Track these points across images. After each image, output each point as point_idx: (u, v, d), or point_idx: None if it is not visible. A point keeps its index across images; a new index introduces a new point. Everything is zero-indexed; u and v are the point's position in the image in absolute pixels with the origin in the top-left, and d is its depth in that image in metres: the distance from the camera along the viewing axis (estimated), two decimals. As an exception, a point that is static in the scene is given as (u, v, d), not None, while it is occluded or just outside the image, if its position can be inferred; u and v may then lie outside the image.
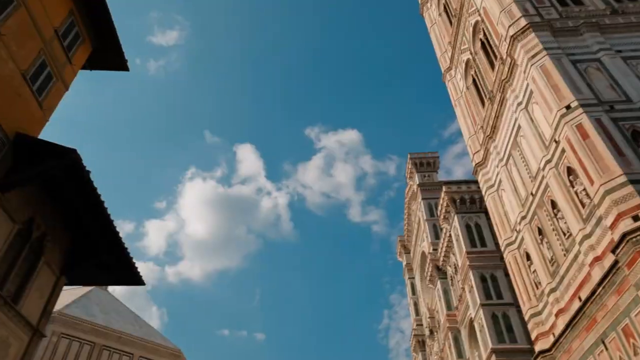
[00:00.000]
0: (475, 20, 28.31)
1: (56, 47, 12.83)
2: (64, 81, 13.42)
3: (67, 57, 13.38)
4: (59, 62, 13.01)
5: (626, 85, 18.45)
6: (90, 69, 15.56)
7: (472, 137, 29.25)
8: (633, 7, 22.76)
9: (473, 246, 33.33)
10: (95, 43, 14.80)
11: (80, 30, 13.92)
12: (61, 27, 12.98)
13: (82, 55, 14.37)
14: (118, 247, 13.40)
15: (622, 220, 14.37)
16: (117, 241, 13.19)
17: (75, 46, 13.79)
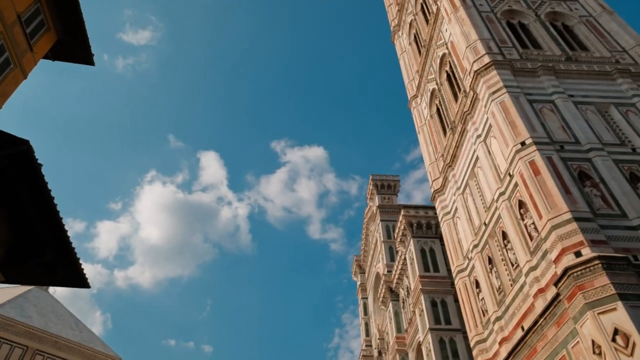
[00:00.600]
0: (443, 52, 29.48)
1: (17, 32, 12.33)
2: (23, 69, 12.87)
3: (29, 44, 12.87)
4: (19, 49, 12.49)
5: (576, 128, 19.64)
6: (53, 59, 15.02)
7: (432, 164, 30.12)
8: (585, 56, 24.43)
9: (426, 270, 34.01)
10: (61, 33, 14.33)
11: (45, 19, 13.46)
12: (25, 13, 12.50)
13: (46, 44, 13.87)
14: (65, 247, 12.77)
15: (565, 255, 15.11)
16: (64, 240, 12.58)
17: (38, 34, 13.30)
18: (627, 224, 15.91)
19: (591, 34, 25.86)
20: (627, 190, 17.02)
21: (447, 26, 28.19)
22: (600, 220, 15.90)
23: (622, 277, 13.57)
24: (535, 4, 28.38)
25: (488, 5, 27.94)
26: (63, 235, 12.42)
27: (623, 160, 18.40)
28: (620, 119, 20.47)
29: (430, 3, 32.15)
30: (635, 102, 21.13)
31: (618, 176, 17.54)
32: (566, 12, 27.53)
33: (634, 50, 24.27)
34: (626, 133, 19.87)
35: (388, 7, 44.74)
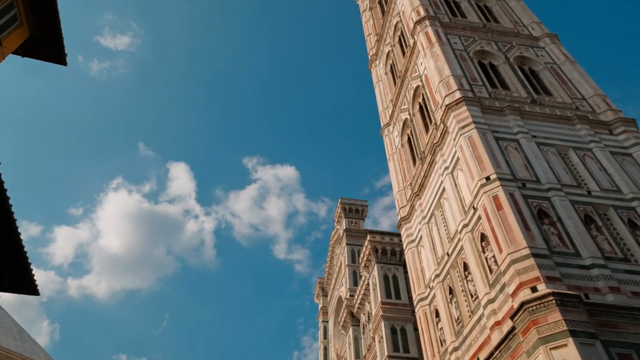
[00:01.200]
0: (417, 84, 30.41)
1: (-14, 25, 11.93)
2: (-10, 62, 12.42)
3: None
4: (-13, 42, 12.07)
5: (537, 168, 20.51)
6: (22, 56, 14.57)
7: (400, 192, 30.64)
8: (548, 100, 25.75)
9: (388, 297, 34.15)
10: (34, 30, 13.95)
11: (19, 13, 13.10)
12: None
13: (17, 39, 13.46)
14: (15, 250, 12.18)
15: (522, 289, 15.55)
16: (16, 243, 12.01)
17: (10, 28, 12.91)
18: (580, 262, 16.57)
19: (555, 80, 27.34)
20: (581, 230, 17.79)
21: (423, 60, 29.18)
22: (556, 258, 16.52)
23: (573, 314, 14.07)
24: (505, 47, 29.84)
25: (462, 44, 29.17)
26: (15, 238, 11.85)
27: (579, 201, 19.30)
28: (578, 162, 21.54)
29: (408, 36, 33.26)
30: (591, 148, 22.34)
31: (574, 216, 18.34)
32: (533, 57, 29.06)
33: (592, 99, 25.78)
34: (582, 176, 20.91)
35: (367, 37, 45.95)
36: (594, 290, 15.65)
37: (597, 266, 16.36)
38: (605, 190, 20.16)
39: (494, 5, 35.09)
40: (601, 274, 16.10)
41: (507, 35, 31.07)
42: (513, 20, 33.22)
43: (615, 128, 23.82)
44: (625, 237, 18.20)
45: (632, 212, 19.22)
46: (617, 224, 18.76)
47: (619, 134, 23.49)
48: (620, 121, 23.92)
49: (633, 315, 14.76)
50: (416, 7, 32.26)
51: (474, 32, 30.81)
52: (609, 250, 17.47)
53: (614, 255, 17.26)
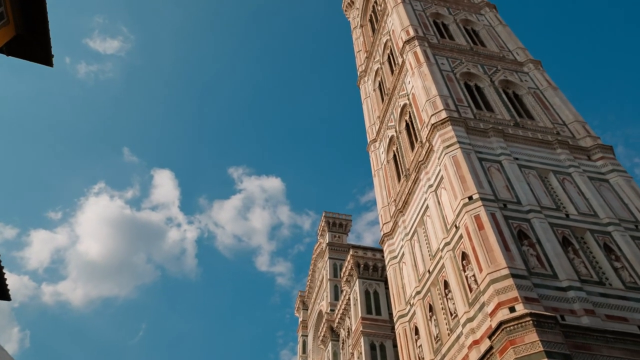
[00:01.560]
0: (404, 102, 30.90)
1: (-30, 21, 11.79)
2: (-29, 59, 12.23)
3: (-18, 35, 12.30)
4: (-30, 37, 11.91)
5: (518, 189, 20.96)
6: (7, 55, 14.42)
7: (384, 208, 30.88)
8: (531, 124, 26.44)
9: (369, 313, 34.14)
10: (21, 29, 13.80)
11: (5, 11, 12.95)
12: (-16, 2, 12.00)
13: (2, 38, 13.32)
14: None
15: (501, 309, 15.77)
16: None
17: (-5, 25, 12.76)
18: (557, 284, 16.90)
19: (537, 104, 28.10)
20: (559, 252, 18.18)
21: (411, 79, 29.72)
22: (534, 279, 16.82)
23: (549, 335, 14.30)
24: (491, 70, 30.62)
25: (449, 65, 29.83)
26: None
27: (558, 224, 19.74)
28: (558, 186, 22.08)
29: (397, 55, 33.88)
30: (571, 172, 22.93)
31: (552, 239, 18.74)
32: (517, 82, 29.85)
33: (573, 125, 26.54)
34: (562, 199, 21.42)
35: (357, 53, 46.63)
36: (570, 312, 15.96)
37: (573, 288, 16.70)
38: (583, 214, 20.67)
39: (481, 30, 36.04)
40: (577, 296, 16.43)
41: (492, 59, 31.90)
42: (499, 45, 34.15)
43: (593, 154, 24.53)
44: (601, 260, 18.65)
45: (607, 236, 19.72)
46: (593, 247, 19.22)
47: (597, 160, 24.19)
48: (598, 147, 24.65)
49: (606, 338, 15.08)
50: (406, 27, 32.96)
51: (461, 54, 31.57)
52: (585, 273, 17.86)
53: (589, 279, 17.65)
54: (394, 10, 36.12)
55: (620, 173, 23.25)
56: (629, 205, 21.62)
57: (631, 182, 22.75)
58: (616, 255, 18.94)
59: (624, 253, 18.99)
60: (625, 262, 18.64)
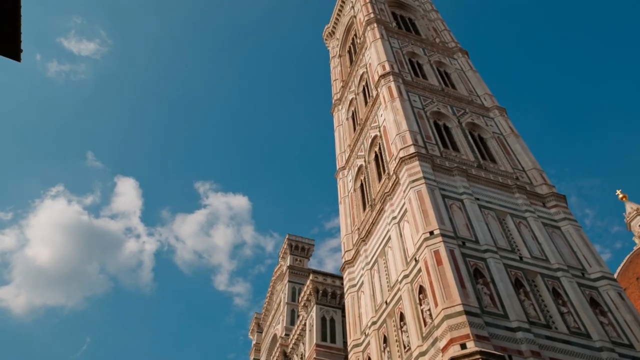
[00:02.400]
0: (375, 134, 31.71)
1: None
2: None
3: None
4: None
5: (477, 229, 21.74)
6: (-29, 45, 13.99)
7: (347, 235, 31.18)
8: (493, 167, 27.66)
9: (323, 340, 33.91)
10: (-11, 19, 13.48)
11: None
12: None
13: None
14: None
15: (452, 345, 16.11)
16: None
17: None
18: (507, 324, 17.47)
19: (500, 149, 29.49)
20: (511, 293, 18.85)
21: (383, 112, 30.63)
22: (486, 318, 17.33)
23: (497, 374, 14.72)
24: (460, 112, 32.00)
25: (420, 103, 30.99)
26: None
27: (511, 265, 20.54)
28: (514, 229, 23.05)
29: (372, 87, 34.90)
30: (527, 217, 24.03)
31: (506, 279, 19.45)
32: (483, 125, 31.29)
33: (531, 172, 27.96)
34: (517, 242, 22.35)
35: (333, 82, 47.66)
36: (517, 352, 16.48)
37: (522, 329, 17.30)
38: (535, 258, 21.60)
39: (452, 73, 37.73)
40: (525, 337, 17.02)
41: (462, 102, 33.37)
42: (468, 89, 35.80)
43: (548, 201, 25.83)
44: (549, 304, 19.46)
45: (556, 281, 20.65)
46: (542, 291, 20.05)
47: (551, 208, 25.48)
48: (553, 196, 25.99)
49: (550, 380, 15.65)
50: (382, 62, 34.12)
51: (433, 94, 32.89)
52: (534, 315, 18.57)
53: (537, 321, 18.35)
54: (372, 44, 37.38)
55: (571, 222, 24.54)
56: (577, 253, 22.79)
57: (580, 231, 24.04)
58: (563, 300, 19.82)
59: (570, 299, 19.90)
60: (571, 308, 19.52)
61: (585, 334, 18.51)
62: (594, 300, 20.41)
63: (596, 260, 22.33)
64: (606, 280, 21.33)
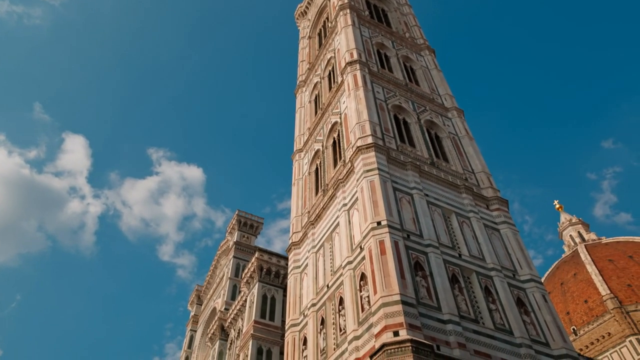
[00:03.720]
0: (336, 120, 31.81)
1: None
2: None
3: None
4: None
5: (423, 224, 22.46)
6: None
7: (297, 217, 31.33)
8: (445, 166, 28.56)
9: (262, 317, 34.20)
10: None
11: None
12: None
13: None
14: None
15: (386, 332, 16.72)
16: None
17: None
18: (439, 316, 18.32)
19: (454, 149, 30.46)
20: (447, 287, 19.73)
21: (346, 99, 30.71)
22: (421, 308, 18.08)
23: (423, 362, 15.44)
24: (420, 109, 32.66)
25: (383, 95, 31.32)
26: None
27: (450, 261, 21.46)
28: (457, 227, 24.04)
29: (338, 73, 34.85)
30: (470, 217, 25.10)
31: (443, 274, 20.31)
32: (440, 125, 32.13)
33: (480, 174, 29.14)
34: (458, 240, 23.34)
35: (300, 62, 47.13)
36: (445, 343, 17.36)
37: (452, 322, 18.20)
38: (473, 257, 22.68)
39: (418, 69, 38.32)
40: (454, 330, 17.94)
41: (423, 99, 34.05)
42: (431, 87, 36.55)
43: (492, 204, 27.08)
44: (480, 301, 20.57)
45: (489, 280, 21.83)
46: (476, 288, 21.14)
47: (494, 210, 26.75)
48: (496, 199, 27.27)
49: (471, 370, 16.64)
50: (351, 49, 34.08)
51: (397, 87, 33.31)
52: (465, 310, 19.57)
53: (467, 315, 19.36)
54: (343, 30, 37.19)
55: (510, 226, 25.90)
56: (512, 255, 24.15)
57: (517, 235, 25.44)
58: (493, 298, 21.01)
59: (499, 297, 21.12)
60: (499, 305, 20.74)
61: (509, 331, 19.77)
62: (521, 300, 21.78)
63: (527, 263, 23.76)
64: (534, 283, 22.79)
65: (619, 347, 50.76)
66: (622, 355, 50.07)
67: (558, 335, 20.67)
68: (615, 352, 50.93)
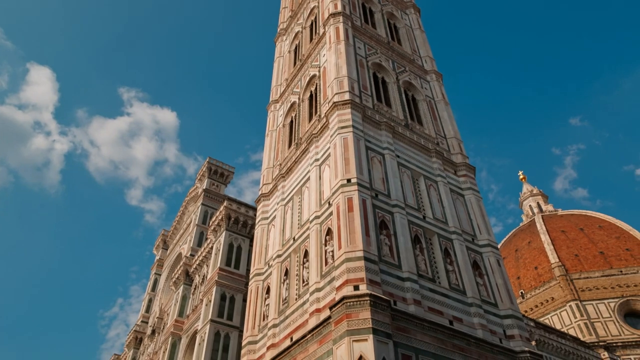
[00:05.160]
0: (314, 73, 31.17)
1: None
2: None
3: None
4: None
5: (392, 184, 22.82)
6: None
7: (269, 169, 31.23)
8: (419, 129, 28.74)
9: (228, 265, 34.68)
10: None
11: None
12: None
13: None
14: None
15: (347, 285, 17.31)
16: None
17: None
18: (399, 274, 19.04)
19: (429, 113, 30.57)
20: (409, 247, 20.40)
21: (326, 52, 29.98)
22: (382, 266, 18.71)
23: (380, 316, 16.18)
24: (400, 69, 32.31)
25: (364, 51, 30.72)
26: None
27: (414, 223, 22.07)
28: (424, 190, 24.56)
29: (320, 24, 33.77)
30: (438, 181, 25.64)
31: (407, 234, 20.92)
32: (418, 87, 32.00)
33: (451, 140, 29.54)
34: (424, 202, 23.92)
35: (282, 9, 45.30)
36: (402, 299, 18.17)
37: (410, 280, 18.98)
38: (437, 220, 23.39)
39: (402, 28, 37.57)
40: (411, 287, 18.74)
41: (404, 59, 33.62)
42: (412, 48, 36.05)
43: (459, 170, 27.67)
44: (439, 262, 21.44)
45: (449, 243, 22.68)
46: (436, 249, 21.96)
47: (461, 176, 27.39)
48: (465, 166, 27.86)
49: (423, 325, 17.57)
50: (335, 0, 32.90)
51: (379, 45, 32.68)
52: (424, 269, 20.39)
53: (425, 275, 20.21)
54: (329, -21, 35.67)
55: (474, 192, 26.68)
56: (473, 221, 25.04)
57: (480, 202, 26.29)
58: (451, 260, 21.93)
59: (457, 259, 22.07)
60: (456, 267, 21.70)
61: (462, 291, 20.83)
62: (477, 263, 22.85)
63: (487, 229, 24.74)
64: (490, 248, 23.86)
65: (560, 311, 54.74)
66: (561, 318, 54.07)
67: (507, 297, 21.97)
68: (555, 315, 54.91)
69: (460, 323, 19.39)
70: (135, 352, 52.01)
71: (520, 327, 21.19)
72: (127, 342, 54.37)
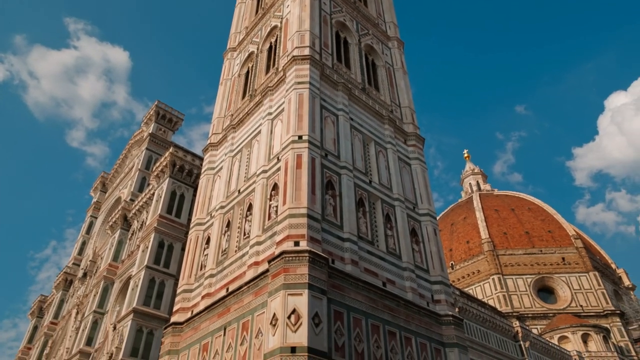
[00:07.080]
0: (276, 24, 29.98)
1: None
2: None
3: None
4: None
5: (342, 146, 22.80)
6: None
7: (219, 119, 30.22)
8: (375, 94, 28.69)
9: (168, 212, 33.80)
10: None
11: None
12: None
13: None
14: None
15: (287, 241, 17.39)
16: None
17: None
18: (340, 234, 19.36)
19: (386, 80, 30.51)
20: (352, 210, 20.70)
21: (290, 3, 28.78)
22: (324, 225, 18.91)
23: (317, 272, 16.47)
24: (363, 31, 31.75)
25: (329, 8, 29.78)
26: None
27: (360, 186, 22.34)
28: (373, 155, 24.79)
29: (287, -27, 32.18)
30: (387, 148, 25.95)
31: (352, 196, 21.18)
32: (379, 52, 31.70)
33: (405, 109, 29.81)
34: (372, 167, 24.20)
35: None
36: (340, 259, 18.57)
37: (350, 241, 19.37)
38: (382, 185, 23.82)
39: (370, -12, 36.67)
40: (350, 248, 19.16)
41: (368, 22, 33.03)
42: (378, 12, 35.43)
43: (409, 139, 28.13)
44: (379, 226, 22.00)
45: (392, 209, 23.26)
46: (378, 214, 22.46)
47: (410, 146, 27.88)
48: (414, 136, 28.33)
49: (357, 285, 18.13)
50: (306, -52, 31.33)
51: (344, 3, 31.77)
52: (364, 232, 20.86)
53: (365, 237, 20.70)
54: None
55: (421, 162, 27.34)
56: (416, 190, 25.77)
57: (425, 173, 27.02)
58: (391, 225, 22.57)
59: (397, 225, 22.75)
60: (395, 232, 22.39)
61: (398, 255, 21.62)
62: (415, 231, 23.70)
63: (428, 199, 25.59)
64: (429, 217, 24.77)
65: (483, 283, 59.00)
66: (484, 289, 58.36)
67: (438, 264, 23.10)
68: (479, 287, 59.13)
69: (393, 285, 20.21)
70: (64, 293, 50.39)
71: (447, 293, 22.46)
72: (55, 284, 52.47)
